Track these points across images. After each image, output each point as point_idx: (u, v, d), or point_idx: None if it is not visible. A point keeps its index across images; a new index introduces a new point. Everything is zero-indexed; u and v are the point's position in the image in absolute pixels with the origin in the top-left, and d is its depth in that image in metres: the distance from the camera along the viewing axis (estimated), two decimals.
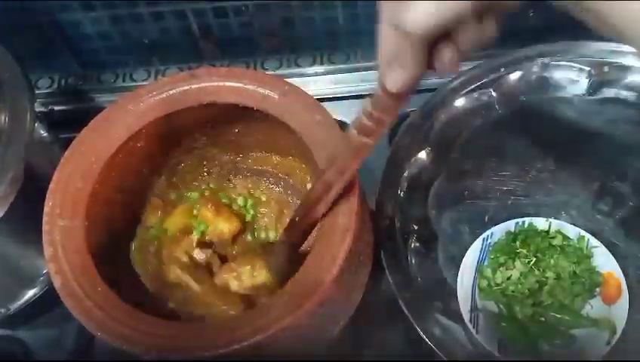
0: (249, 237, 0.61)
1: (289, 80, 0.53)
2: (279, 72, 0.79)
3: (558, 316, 0.59)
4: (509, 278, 0.61)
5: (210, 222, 0.58)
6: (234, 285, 0.55)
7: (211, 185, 0.63)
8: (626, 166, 0.62)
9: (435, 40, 0.34)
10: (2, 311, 0.63)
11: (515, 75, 0.65)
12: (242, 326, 0.43)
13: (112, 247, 0.54)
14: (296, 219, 0.51)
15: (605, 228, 0.63)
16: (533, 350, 0.57)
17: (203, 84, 0.53)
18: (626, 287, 0.58)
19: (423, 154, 0.62)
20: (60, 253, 0.46)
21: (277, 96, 0.52)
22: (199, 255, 0.57)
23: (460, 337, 0.56)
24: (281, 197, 0.63)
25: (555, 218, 0.64)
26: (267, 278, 0.54)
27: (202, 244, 0.58)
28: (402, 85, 0.37)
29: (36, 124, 0.58)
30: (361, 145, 0.43)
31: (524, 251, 0.62)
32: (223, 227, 0.59)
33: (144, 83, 0.79)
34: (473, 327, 0.57)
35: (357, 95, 0.77)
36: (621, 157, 0.62)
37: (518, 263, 0.61)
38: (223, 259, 0.59)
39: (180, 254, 0.57)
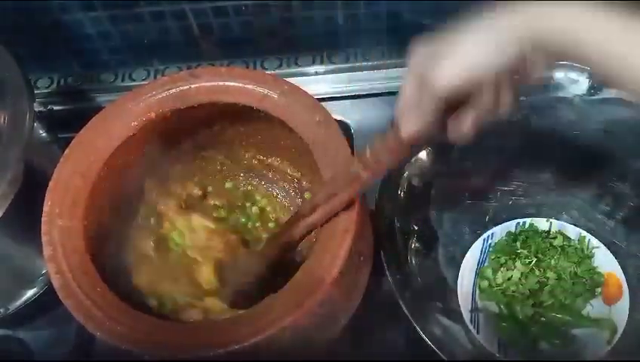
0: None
1: (289, 80, 0.53)
2: (279, 71, 0.79)
3: (559, 316, 0.59)
4: (509, 279, 0.61)
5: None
6: None
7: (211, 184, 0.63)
8: (626, 166, 0.62)
9: (454, 104, 0.37)
10: (2, 311, 0.63)
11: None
12: (242, 326, 0.43)
13: (112, 246, 0.54)
14: (278, 231, 0.51)
15: (606, 228, 0.63)
16: (534, 350, 0.57)
17: (203, 84, 0.53)
18: (626, 287, 0.59)
19: (423, 154, 0.62)
20: (60, 252, 0.46)
21: (277, 96, 0.52)
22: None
23: (460, 337, 0.56)
24: (280, 197, 0.63)
25: (555, 218, 0.64)
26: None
27: None
28: (414, 132, 0.38)
29: (36, 124, 0.58)
30: (356, 175, 0.43)
31: (525, 251, 0.62)
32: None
33: (144, 83, 0.79)
34: (473, 327, 0.57)
35: (357, 95, 0.77)
36: (621, 157, 0.62)
37: (518, 263, 0.61)
38: None
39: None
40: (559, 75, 0.64)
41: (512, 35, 0.35)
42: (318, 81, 0.78)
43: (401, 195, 0.61)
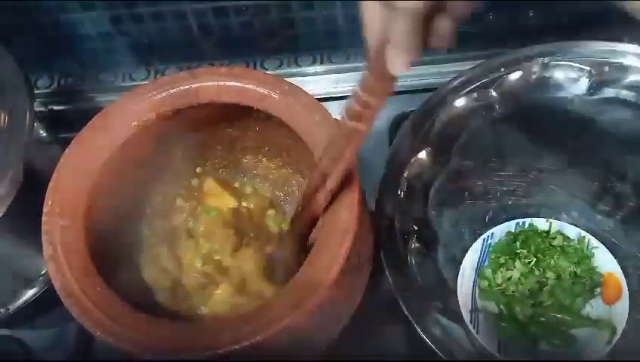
0: None
1: (289, 80, 0.53)
2: (279, 71, 0.79)
3: (559, 316, 0.59)
4: (509, 279, 0.61)
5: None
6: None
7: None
8: (625, 166, 0.62)
9: (428, 14, 0.32)
10: (2, 311, 0.63)
11: (515, 75, 0.65)
12: (242, 326, 0.43)
13: (112, 246, 0.54)
14: (299, 209, 0.50)
15: (606, 228, 0.63)
16: (533, 350, 0.57)
17: (203, 84, 0.53)
18: (626, 287, 0.58)
19: (423, 154, 0.62)
20: (60, 252, 0.46)
21: (277, 96, 0.52)
22: None
23: (460, 337, 0.56)
24: (280, 197, 0.63)
25: (555, 218, 0.64)
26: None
27: None
28: (404, 67, 0.35)
29: (36, 124, 0.58)
30: (353, 130, 0.41)
31: (525, 251, 0.62)
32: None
33: (144, 83, 0.79)
34: (473, 327, 0.57)
35: None
36: (621, 157, 0.62)
37: (518, 264, 0.61)
38: None
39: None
40: (559, 74, 0.64)
41: None
42: (318, 81, 0.78)
43: (401, 195, 0.61)
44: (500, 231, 0.64)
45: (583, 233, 0.62)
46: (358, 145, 0.43)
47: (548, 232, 0.63)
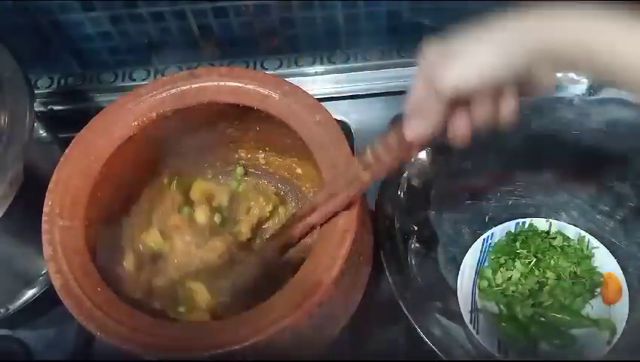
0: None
1: (289, 80, 0.53)
2: (279, 72, 0.79)
3: (559, 316, 0.59)
4: (509, 279, 0.61)
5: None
6: None
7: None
8: (625, 166, 0.62)
9: (456, 105, 0.37)
10: (2, 311, 0.63)
11: None
12: (242, 326, 0.43)
13: (112, 246, 0.54)
14: (279, 229, 0.51)
15: (605, 228, 0.63)
16: (533, 350, 0.58)
17: (203, 84, 0.53)
18: (626, 287, 0.59)
19: (423, 154, 0.62)
20: (60, 252, 0.46)
21: (277, 96, 0.52)
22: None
23: (459, 337, 0.56)
24: (280, 198, 0.63)
25: (555, 218, 0.64)
26: None
27: None
28: (417, 134, 0.39)
29: (36, 124, 0.58)
30: (356, 176, 0.44)
31: (525, 252, 0.62)
32: None
33: (144, 83, 0.79)
34: (473, 327, 0.57)
35: (357, 95, 0.77)
36: (621, 157, 0.62)
37: (518, 264, 0.61)
38: None
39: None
40: (559, 74, 0.64)
41: (523, 46, 0.35)
42: (318, 81, 0.78)
43: (401, 195, 0.61)
44: (499, 231, 0.64)
45: (583, 233, 0.63)
46: (356, 191, 0.45)
47: (548, 232, 0.64)
